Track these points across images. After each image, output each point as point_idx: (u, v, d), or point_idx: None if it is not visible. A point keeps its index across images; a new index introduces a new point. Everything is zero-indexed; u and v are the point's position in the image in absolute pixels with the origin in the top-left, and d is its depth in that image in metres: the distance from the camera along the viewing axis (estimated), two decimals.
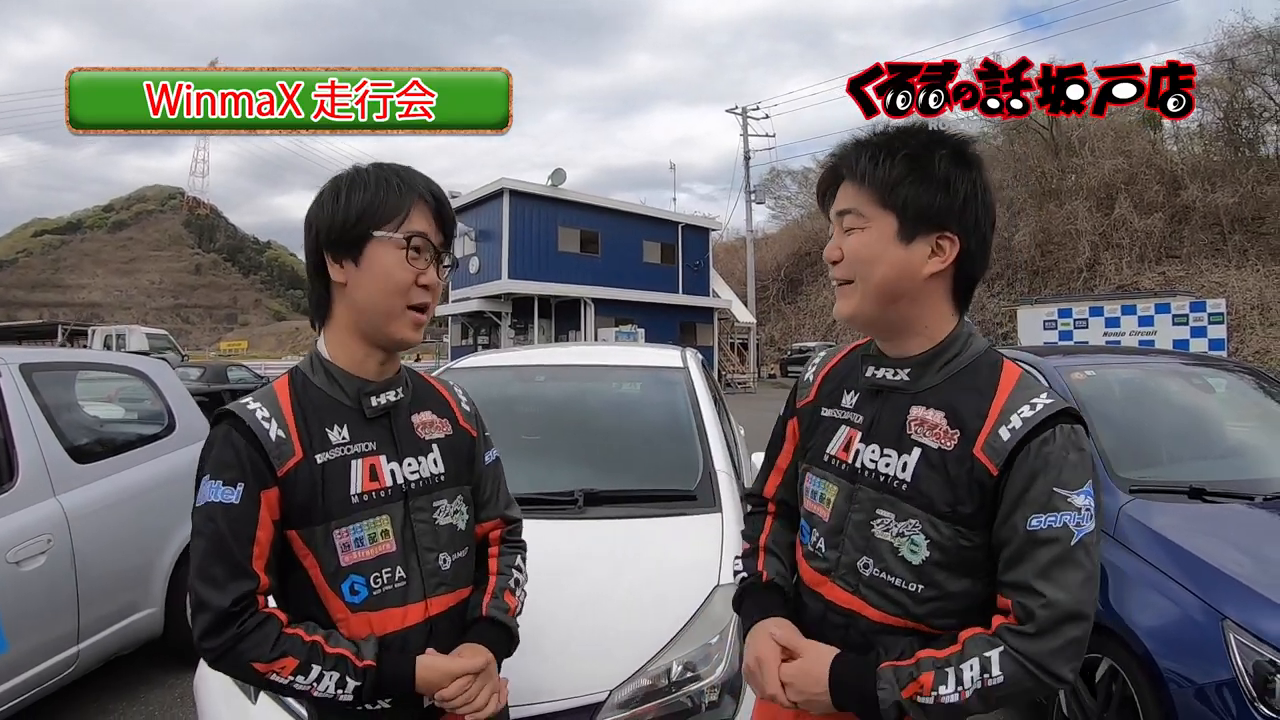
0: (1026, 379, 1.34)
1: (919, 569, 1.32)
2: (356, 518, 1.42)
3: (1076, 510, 1.22)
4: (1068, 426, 1.26)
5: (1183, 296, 19.92)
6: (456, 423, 1.64)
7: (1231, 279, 22.50)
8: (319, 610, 1.42)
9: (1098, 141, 27.17)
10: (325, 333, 1.49)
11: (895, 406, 1.39)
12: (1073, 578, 1.20)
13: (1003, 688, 1.20)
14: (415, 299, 1.44)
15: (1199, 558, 2.81)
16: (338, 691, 1.35)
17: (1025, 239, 27.50)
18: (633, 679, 2.14)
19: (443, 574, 1.51)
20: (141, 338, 27.08)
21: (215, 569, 1.32)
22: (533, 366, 4.26)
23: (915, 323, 1.37)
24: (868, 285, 1.35)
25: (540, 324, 28.64)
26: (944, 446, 1.31)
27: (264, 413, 1.39)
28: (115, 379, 5.05)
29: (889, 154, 1.32)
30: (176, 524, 4.27)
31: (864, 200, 1.34)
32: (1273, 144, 25.64)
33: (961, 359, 1.37)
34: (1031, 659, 1.19)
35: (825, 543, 1.45)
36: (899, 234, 1.32)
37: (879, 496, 1.37)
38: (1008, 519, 1.25)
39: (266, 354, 75.53)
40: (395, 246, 1.41)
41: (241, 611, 1.31)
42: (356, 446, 1.44)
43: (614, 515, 2.86)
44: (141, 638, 4.10)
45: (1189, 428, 4.15)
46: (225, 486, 1.34)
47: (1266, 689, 2.35)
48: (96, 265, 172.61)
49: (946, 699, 1.21)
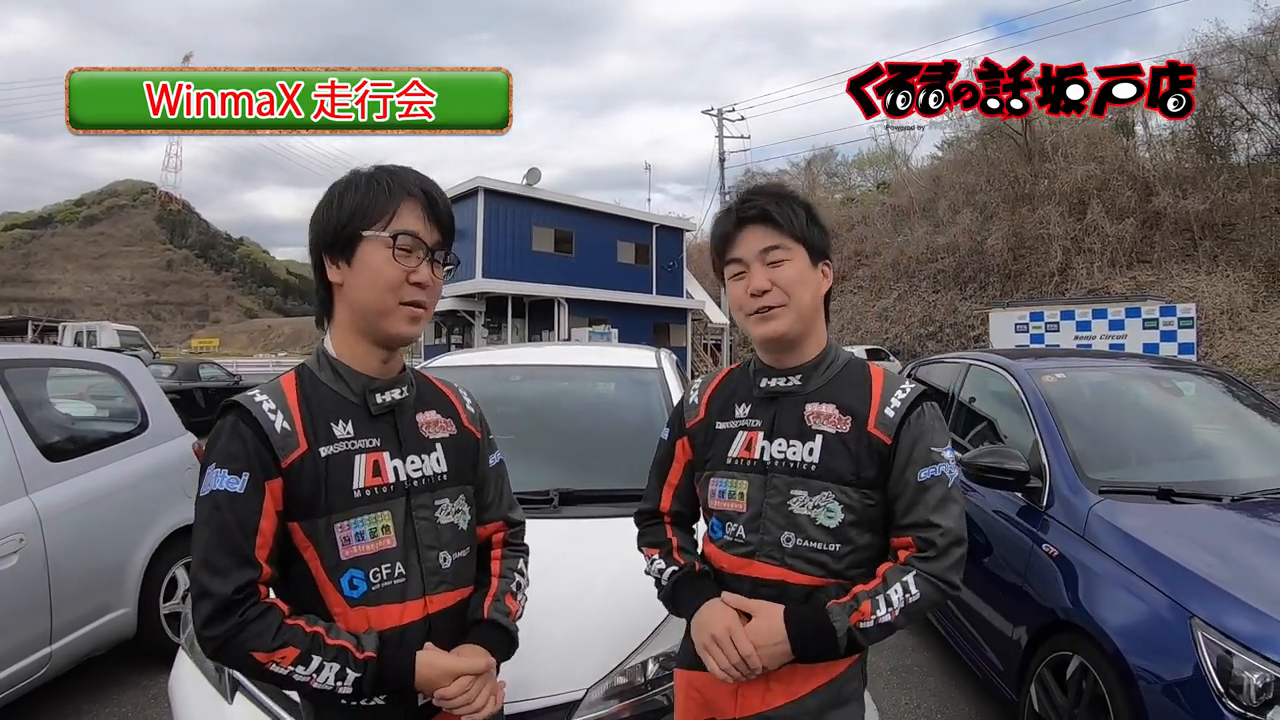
0: (890, 374, 1.72)
1: (836, 531, 1.61)
2: (357, 512, 1.44)
3: (947, 462, 1.62)
4: (929, 403, 1.66)
5: (1153, 301, 20.17)
6: (461, 423, 1.66)
7: (1202, 284, 22.78)
8: (318, 603, 1.43)
9: (1070, 147, 27.40)
10: (330, 331, 1.52)
11: (792, 407, 1.67)
12: (954, 511, 1.59)
13: (920, 602, 1.54)
14: (407, 296, 1.46)
15: (1167, 557, 2.85)
16: (337, 684, 1.36)
17: (998, 243, 27.69)
18: (608, 677, 2.16)
19: (443, 572, 1.53)
20: (113, 334, 26.82)
21: (219, 557, 1.34)
22: (508, 366, 4.26)
23: (813, 332, 1.70)
24: (801, 305, 1.64)
25: (514, 324, 28.54)
26: (841, 431, 1.63)
27: (270, 405, 1.43)
28: (87, 376, 5.00)
29: (793, 203, 1.67)
30: (150, 523, 4.25)
31: (784, 238, 1.64)
32: (1244, 152, 25.98)
33: (837, 364, 1.71)
34: (937, 576, 1.55)
35: (745, 529, 1.67)
36: (809, 262, 1.66)
37: (791, 479, 1.64)
38: (901, 476, 1.60)
39: (238, 351, 74.80)
40: (383, 245, 1.43)
41: (244, 600, 1.33)
42: (360, 442, 1.47)
43: (589, 514, 2.89)
44: (115, 638, 4.07)
45: (1158, 430, 4.21)
46: (231, 476, 1.36)
47: (1233, 685, 2.39)
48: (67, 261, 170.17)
49: (883, 619, 1.53)
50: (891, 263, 31.22)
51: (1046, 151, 27.97)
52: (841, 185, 43.03)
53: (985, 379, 4.81)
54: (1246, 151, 25.88)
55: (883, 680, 4.32)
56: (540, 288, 27.98)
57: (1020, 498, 3.66)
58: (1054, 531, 3.36)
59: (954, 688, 4.25)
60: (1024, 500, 3.63)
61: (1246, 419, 4.37)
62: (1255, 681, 2.35)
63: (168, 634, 4.26)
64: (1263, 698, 2.34)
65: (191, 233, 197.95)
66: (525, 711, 2.02)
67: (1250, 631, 2.45)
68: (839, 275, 32.48)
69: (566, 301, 28.40)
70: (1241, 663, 2.40)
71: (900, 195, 34.34)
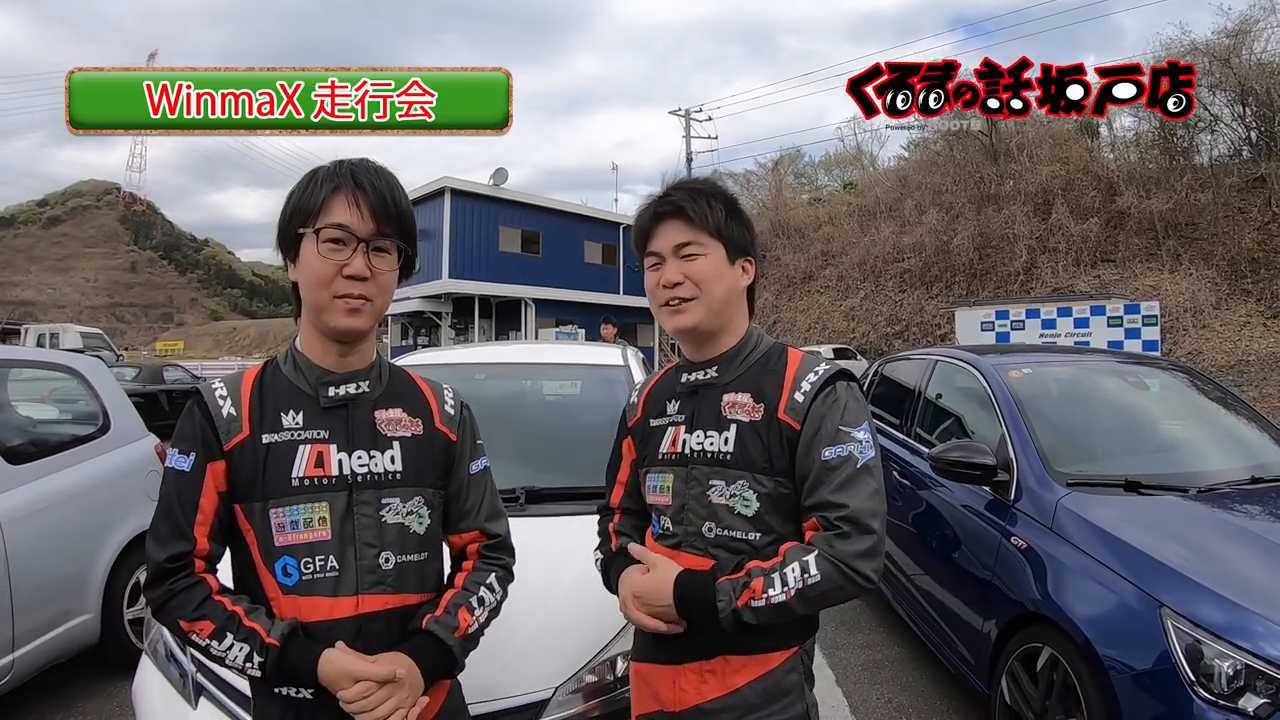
0: (808, 358, 1.70)
1: (753, 519, 1.61)
2: (293, 500, 1.46)
3: (859, 442, 1.56)
4: (844, 383, 1.63)
5: (1118, 299, 20.43)
6: (432, 424, 1.62)
7: (1165, 282, 23.05)
8: (256, 587, 1.48)
9: (1035, 148, 27.64)
10: (300, 324, 1.57)
11: (710, 398, 1.70)
12: (862, 491, 1.52)
13: (819, 585, 1.47)
14: (340, 289, 1.46)
15: (1136, 548, 2.87)
16: (246, 665, 1.39)
17: (964, 242, 27.86)
18: (577, 675, 2.15)
19: (381, 572, 1.49)
20: (75, 336, 26.47)
21: (161, 527, 1.44)
22: (473, 364, 4.22)
23: (730, 325, 1.72)
24: (711, 298, 1.67)
25: (481, 324, 28.46)
26: (754, 419, 1.63)
27: (222, 392, 1.50)
28: (49, 378, 4.92)
29: (712, 199, 1.69)
30: (112, 527, 4.18)
31: (700, 234, 1.67)
32: (1207, 153, 26.29)
33: (757, 352, 1.72)
34: (840, 558, 1.48)
35: (671, 520, 1.71)
36: (727, 258, 1.69)
37: (709, 470, 1.65)
38: (806, 455, 1.57)
39: (203, 354, 73.94)
40: (312, 240, 1.46)
41: (176, 570, 1.42)
42: (308, 433, 1.49)
43: (556, 513, 2.88)
44: (78, 645, 3.99)
45: (1124, 424, 4.25)
46: (180, 455, 1.46)
47: (1204, 673, 2.41)
48: (30, 262, 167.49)
49: (775, 600, 1.48)
50: (858, 262, 31.34)
51: (1012, 152, 28.21)
52: (809, 185, 43.12)
53: (952, 375, 4.84)
54: (1210, 153, 26.23)
55: (854, 675, 4.34)
56: (507, 288, 27.95)
57: (988, 492, 3.68)
58: (1022, 525, 3.38)
59: (925, 681, 4.27)
60: (992, 494, 3.66)
61: (1211, 412, 4.43)
62: (1226, 669, 2.38)
63: (132, 640, 4.19)
64: (1234, 685, 2.37)
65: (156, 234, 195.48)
66: (493, 712, 2.01)
67: (1220, 620, 2.48)
68: (805, 275, 33.02)
69: (534, 302, 28.39)
70: (1212, 651, 2.42)
71: (867, 195, 34.44)
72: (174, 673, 2.32)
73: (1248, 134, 25.37)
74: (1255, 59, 24.00)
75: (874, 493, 1.54)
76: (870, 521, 1.51)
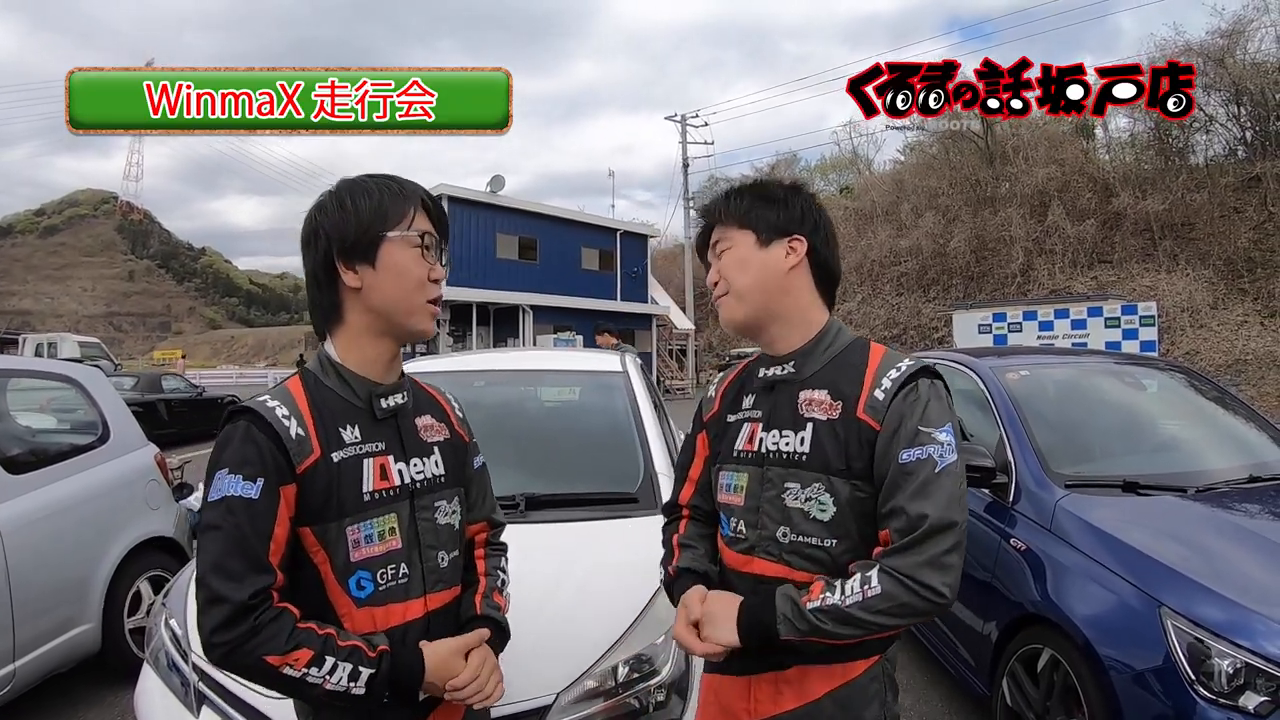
0: (891, 353, 1.59)
1: (829, 524, 1.51)
2: (367, 515, 1.46)
3: (940, 444, 1.45)
4: (927, 380, 1.52)
5: (1114, 300, 20.42)
6: (452, 427, 1.70)
7: (1162, 283, 23.09)
8: (325, 606, 1.44)
9: (1031, 150, 27.70)
10: (334, 337, 1.53)
11: (787, 395, 1.61)
12: (938, 497, 1.41)
13: (881, 599, 1.38)
14: (431, 293, 1.53)
15: (1135, 548, 2.88)
16: (350, 684, 1.35)
17: (960, 245, 27.91)
18: (579, 681, 2.14)
19: (441, 571, 1.57)
20: (74, 346, 26.47)
21: (233, 562, 1.31)
22: (472, 371, 4.23)
23: (790, 313, 1.63)
24: (740, 288, 1.63)
25: (479, 331, 28.50)
26: (831, 417, 1.53)
27: (284, 410, 1.43)
28: (48, 388, 4.91)
29: (739, 194, 1.67)
30: (113, 536, 4.18)
31: (727, 229, 1.66)
32: (1202, 153, 26.34)
33: (836, 347, 1.61)
34: (902, 571, 1.38)
35: (745, 524, 1.62)
36: (757, 243, 1.62)
37: (785, 471, 1.57)
38: (884, 457, 1.47)
39: (201, 363, 73.89)
40: (409, 245, 1.49)
41: (258, 605, 1.32)
42: (368, 446, 1.49)
43: (556, 519, 2.87)
44: (79, 654, 3.99)
45: (1122, 424, 4.25)
46: (246, 481, 1.35)
47: (1203, 672, 2.42)
48: (27, 271, 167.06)
49: (829, 602, 1.41)
50: (855, 266, 31.33)
51: (1008, 154, 28.26)
52: None
53: (950, 377, 4.82)
54: (1205, 153, 26.29)
55: None
56: (505, 295, 27.97)
57: (987, 494, 3.68)
58: (1021, 526, 3.39)
59: (927, 684, 4.27)
60: (990, 496, 3.66)
61: (1209, 412, 4.43)
62: (1226, 668, 2.39)
63: (132, 649, 4.18)
64: (1234, 683, 2.38)
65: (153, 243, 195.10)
66: (496, 717, 2.01)
67: (1219, 619, 2.49)
68: None
69: (531, 308, 28.45)
70: (1212, 650, 2.43)
71: (863, 199, 34.50)
72: (175, 681, 2.32)
73: (1243, 134, 25.45)
74: (1249, 59, 24.08)
75: (951, 499, 1.42)
76: (942, 530, 1.39)
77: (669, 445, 3.47)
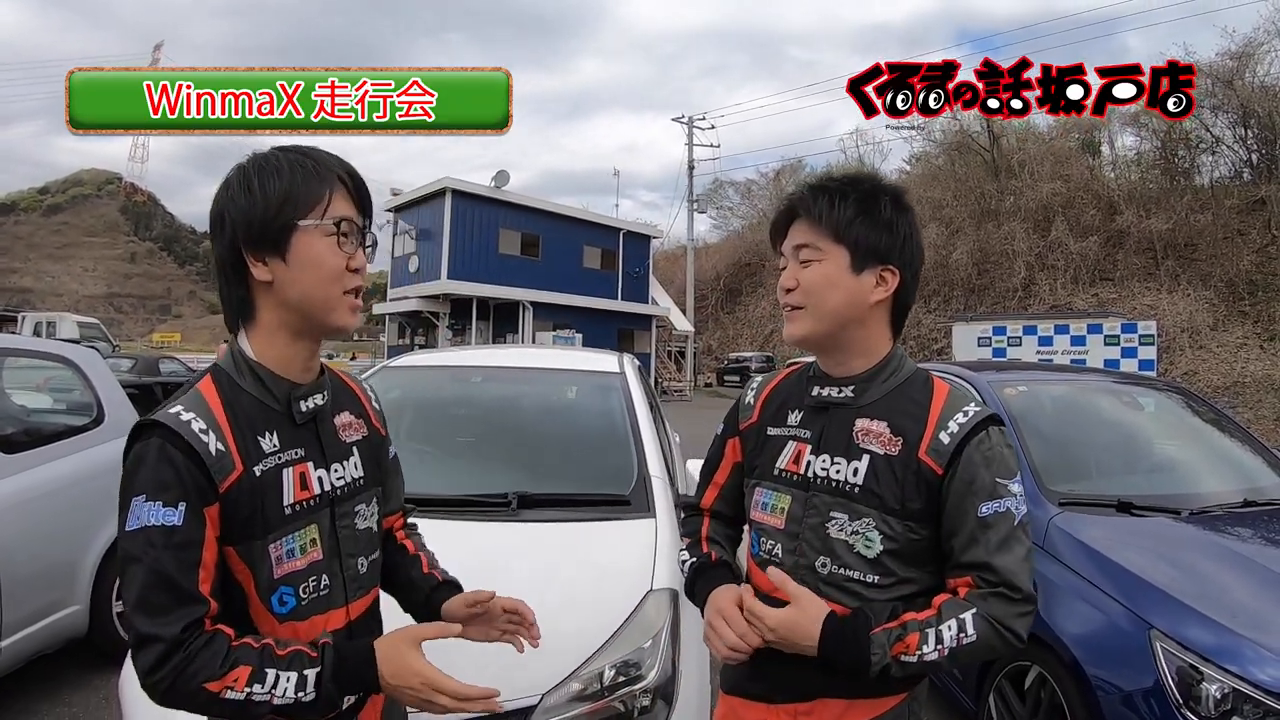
0: (955, 392, 1.52)
1: (874, 562, 1.45)
2: (288, 529, 1.35)
3: (1015, 496, 1.42)
4: (996, 428, 1.46)
5: (1115, 318, 20.47)
6: (370, 422, 1.59)
7: (1163, 302, 23.14)
8: (247, 624, 1.33)
9: (1037, 165, 27.76)
10: (248, 333, 1.39)
11: (842, 420, 1.52)
12: (1019, 553, 1.40)
13: (974, 644, 1.35)
14: (350, 284, 1.37)
15: (1126, 569, 2.88)
16: (299, 694, 1.24)
17: (963, 257, 27.96)
18: (564, 683, 2.13)
19: (361, 578, 1.47)
20: (73, 326, 26.39)
21: (159, 597, 1.19)
22: (469, 367, 4.23)
23: (859, 344, 1.53)
24: (821, 310, 1.49)
25: (478, 326, 28.48)
26: (890, 452, 1.46)
27: (200, 424, 1.27)
28: (45, 367, 4.90)
29: (842, 197, 1.49)
30: (103, 520, 4.16)
31: (820, 236, 1.50)
32: (1208, 174, 26.42)
33: (898, 377, 1.53)
34: (999, 619, 1.36)
35: (781, 548, 1.55)
36: (851, 266, 1.48)
37: (833, 500, 1.49)
38: (959, 508, 1.42)
39: (200, 347, 73.77)
40: (323, 234, 1.33)
41: (190, 637, 1.20)
42: (287, 454, 1.37)
43: (547, 519, 2.84)
44: (65, 636, 3.98)
45: (1118, 444, 4.25)
46: (166, 507, 1.21)
47: (1191, 695, 2.42)
48: (29, 249, 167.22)
49: (928, 656, 1.35)
50: None
51: (1013, 168, 28.31)
52: None
53: None
54: (1210, 174, 26.37)
55: None
56: (506, 290, 27.97)
57: None
58: None
59: None
60: None
61: (1205, 434, 4.42)
62: (1214, 692, 2.38)
63: (119, 632, 4.17)
64: (1221, 709, 2.37)
65: (156, 225, 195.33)
66: (479, 718, 2.00)
67: (1209, 643, 2.48)
68: None
69: (532, 305, 28.41)
70: (1200, 674, 2.43)
71: None
72: None
73: (1249, 156, 25.49)
74: (1258, 82, 24.14)
75: (1029, 552, 1.42)
76: (1027, 583, 1.39)
77: (664, 449, 3.46)
